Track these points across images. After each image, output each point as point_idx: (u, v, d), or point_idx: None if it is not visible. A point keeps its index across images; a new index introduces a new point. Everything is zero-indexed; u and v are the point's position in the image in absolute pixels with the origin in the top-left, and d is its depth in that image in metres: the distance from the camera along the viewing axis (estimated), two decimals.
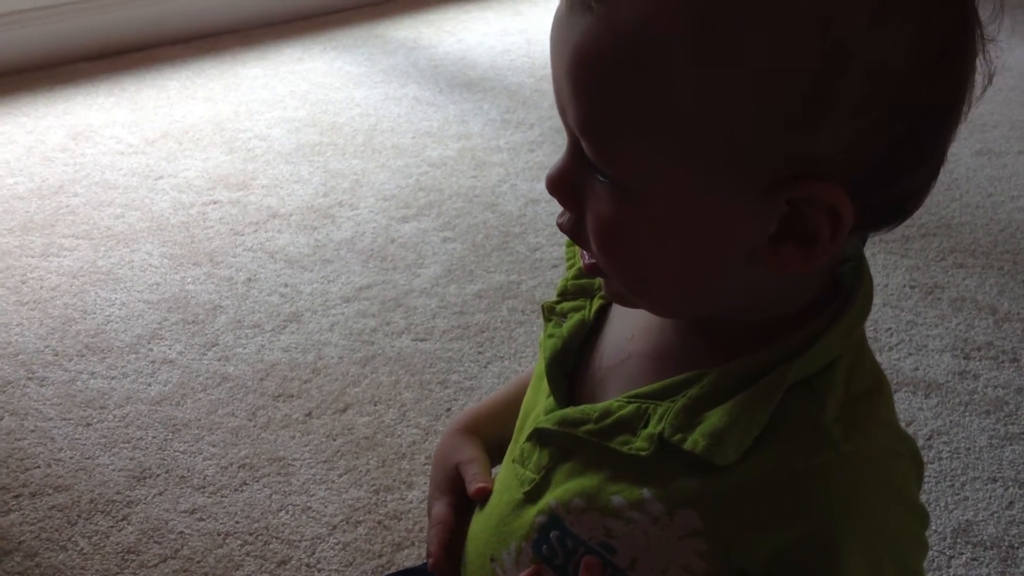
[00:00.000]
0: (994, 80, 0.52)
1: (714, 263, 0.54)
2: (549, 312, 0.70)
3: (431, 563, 0.73)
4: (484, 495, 0.71)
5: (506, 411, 0.75)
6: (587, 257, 0.59)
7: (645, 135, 0.50)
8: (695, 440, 0.55)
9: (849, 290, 0.58)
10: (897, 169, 0.51)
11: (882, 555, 0.54)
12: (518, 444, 0.68)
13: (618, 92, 0.50)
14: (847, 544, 0.52)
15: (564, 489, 0.62)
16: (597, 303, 0.69)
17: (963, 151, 2.31)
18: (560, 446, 0.64)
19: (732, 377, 0.56)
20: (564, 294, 0.70)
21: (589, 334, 0.68)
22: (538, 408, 0.68)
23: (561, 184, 0.56)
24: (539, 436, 0.65)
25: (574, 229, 0.57)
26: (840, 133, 0.48)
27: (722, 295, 0.56)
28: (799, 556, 0.54)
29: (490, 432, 0.78)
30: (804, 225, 0.50)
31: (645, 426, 0.58)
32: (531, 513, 0.64)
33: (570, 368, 0.67)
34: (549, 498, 0.63)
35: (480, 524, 0.70)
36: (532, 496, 0.64)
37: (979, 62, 0.51)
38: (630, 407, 0.59)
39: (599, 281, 0.68)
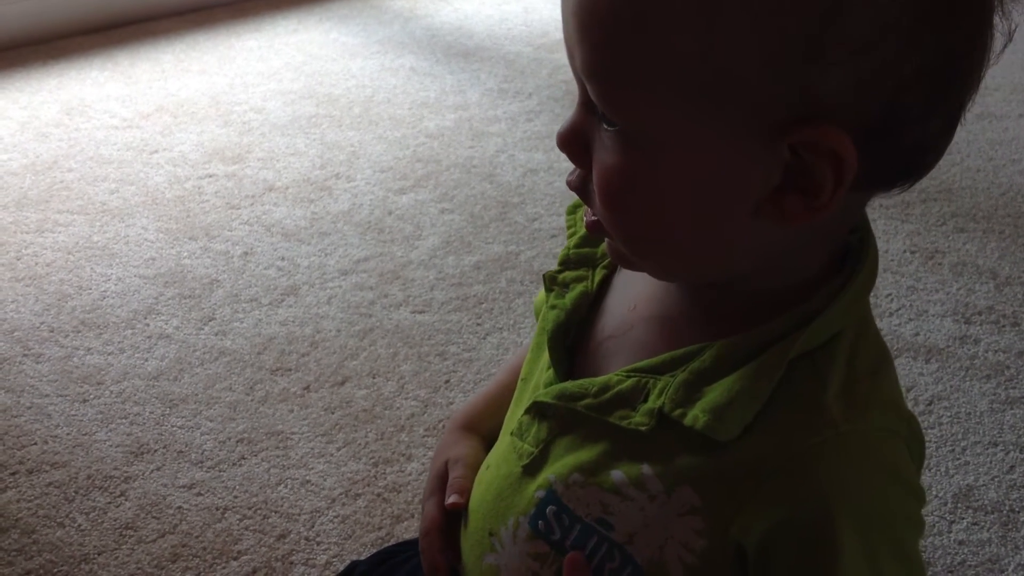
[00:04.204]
0: (1010, 40, 0.51)
1: (718, 216, 0.52)
2: (551, 282, 0.68)
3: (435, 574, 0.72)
4: (456, 509, 0.71)
5: (504, 402, 0.74)
6: (590, 215, 0.57)
7: (649, 78, 0.49)
8: (695, 415, 0.54)
9: (855, 262, 0.57)
10: (904, 118, 0.49)
11: (878, 536, 0.53)
12: (515, 416, 0.67)
13: (621, 34, 0.49)
14: (843, 524, 0.52)
15: (563, 463, 0.61)
16: (600, 273, 0.67)
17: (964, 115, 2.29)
18: (559, 420, 0.62)
19: (735, 350, 0.55)
20: (566, 263, 0.69)
21: (591, 305, 0.67)
22: (537, 379, 0.67)
23: (570, 138, 0.55)
24: (538, 409, 0.64)
25: (582, 185, 0.56)
26: (842, 74, 0.47)
27: (726, 255, 0.55)
28: (795, 535, 0.53)
29: (489, 425, 0.77)
30: (808, 175, 0.49)
31: (645, 400, 0.57)
32: (531, 488, 0.63)
33: (571, 339, 0.66)
34: (548, 472, 0.62)
35: (479, 498, 0.69)
36: (531, 470, 0.64)
37: (997, 18, 0.50)
38: (629, 381, 0.58)
39: (602, 250, 0.67)
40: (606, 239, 0.59)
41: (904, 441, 0.56)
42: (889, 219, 1.88)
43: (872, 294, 0.59)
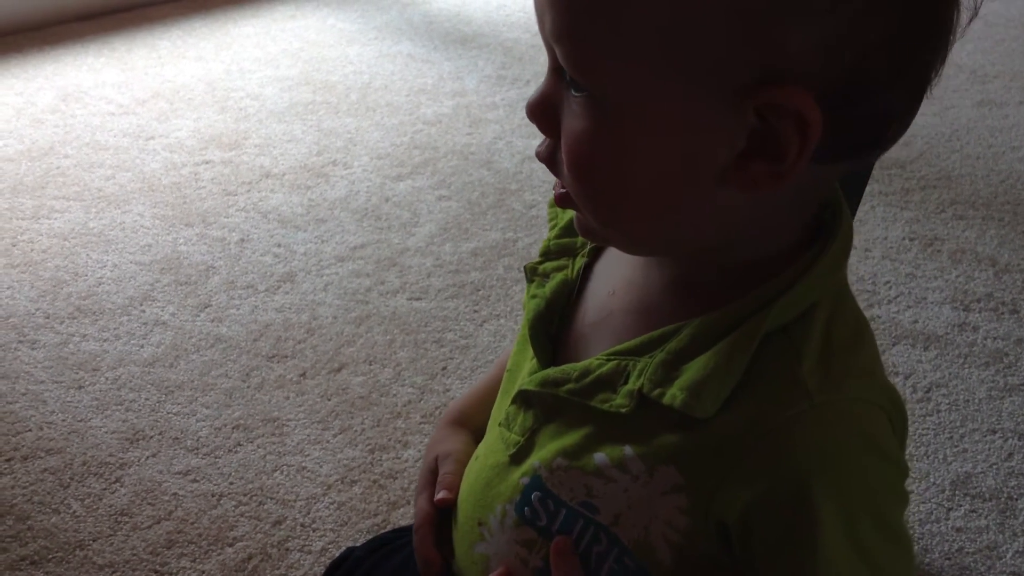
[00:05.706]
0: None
1: (684, 183, 0.52)
2: (532, 273, 0.69)
3: (428, 570, 0.72)
4: (445, 505, 0.71)
5: (493, 397, 0.74)
6: (559, 187, 0.57)
7: (615, 40, 0.49)
8: (673, 394, 0.54)
9: (827, 235, 0.56)
10: (868, 84, 0.49)
11: (858, 507, 0.53)
12: (503, 408, 0.67)
13: None
14: (821, 497, 0.51)
15: (548, 449, 0.61)
16: (580, 262, 0.67)
17: (964, 102, 2.28)
18: (544, 407, 0.63)
19: (710, 327, 0.55)
20: (547, 254, 0.69)
21: (572, 293, 0.67)
22: (523, 369, 0.67)
23: (539, 107, 0.55)
24: (523, 398, 0.64)
25: (550, 155, 0.56)
26: (807, 37, 0.47)
27: (693, 225, 0.55)
28: (774, 509, 0.53)
29: (480, 421, 0.77)
30: (773, 140, 0.49)
31: (625, 383, 0.57)
32: (516, 476, 0.63)
33: (554, 328, 0.66)
34: (534, 459, 0.62)
35: (468, 489, 0.69)
36: (517, 458, 0.64)
37: None
38: (610, 364, 0.58)
39: (582, 239, 0.67)
40: (575, 213, 0.59)
41: (884, 412, 0.55)
42: (888, 206, 1.87)
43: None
